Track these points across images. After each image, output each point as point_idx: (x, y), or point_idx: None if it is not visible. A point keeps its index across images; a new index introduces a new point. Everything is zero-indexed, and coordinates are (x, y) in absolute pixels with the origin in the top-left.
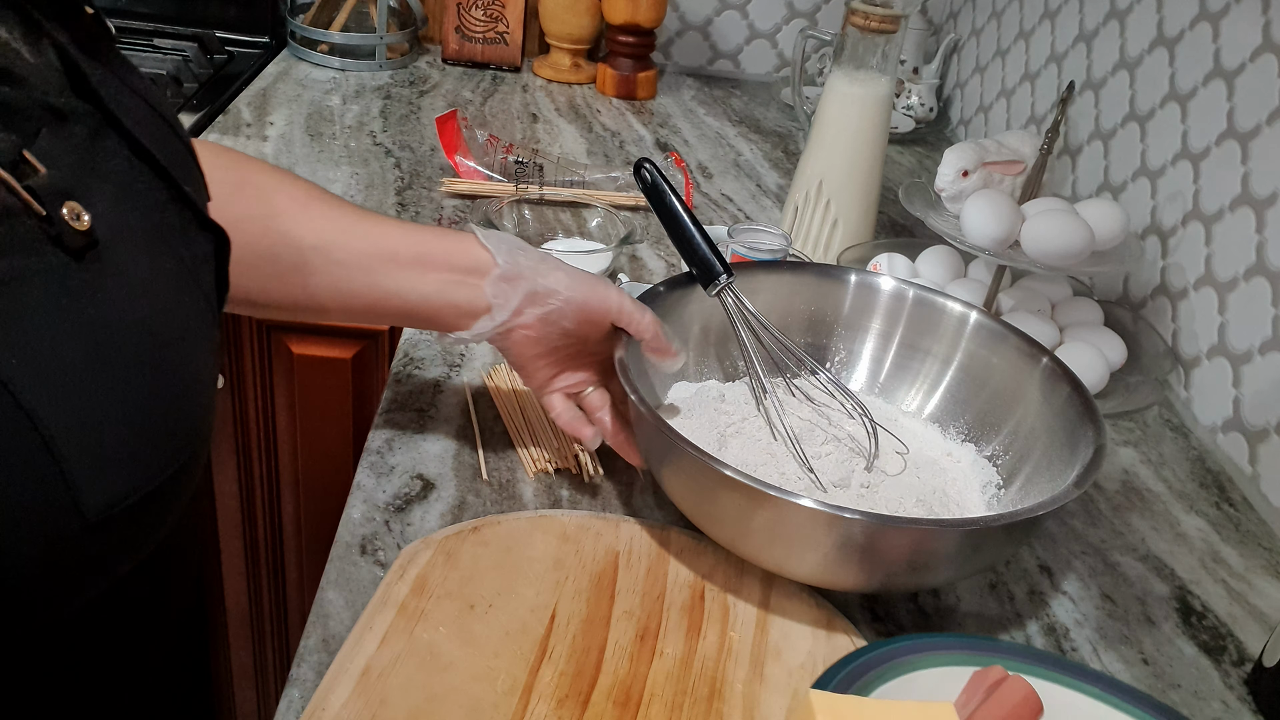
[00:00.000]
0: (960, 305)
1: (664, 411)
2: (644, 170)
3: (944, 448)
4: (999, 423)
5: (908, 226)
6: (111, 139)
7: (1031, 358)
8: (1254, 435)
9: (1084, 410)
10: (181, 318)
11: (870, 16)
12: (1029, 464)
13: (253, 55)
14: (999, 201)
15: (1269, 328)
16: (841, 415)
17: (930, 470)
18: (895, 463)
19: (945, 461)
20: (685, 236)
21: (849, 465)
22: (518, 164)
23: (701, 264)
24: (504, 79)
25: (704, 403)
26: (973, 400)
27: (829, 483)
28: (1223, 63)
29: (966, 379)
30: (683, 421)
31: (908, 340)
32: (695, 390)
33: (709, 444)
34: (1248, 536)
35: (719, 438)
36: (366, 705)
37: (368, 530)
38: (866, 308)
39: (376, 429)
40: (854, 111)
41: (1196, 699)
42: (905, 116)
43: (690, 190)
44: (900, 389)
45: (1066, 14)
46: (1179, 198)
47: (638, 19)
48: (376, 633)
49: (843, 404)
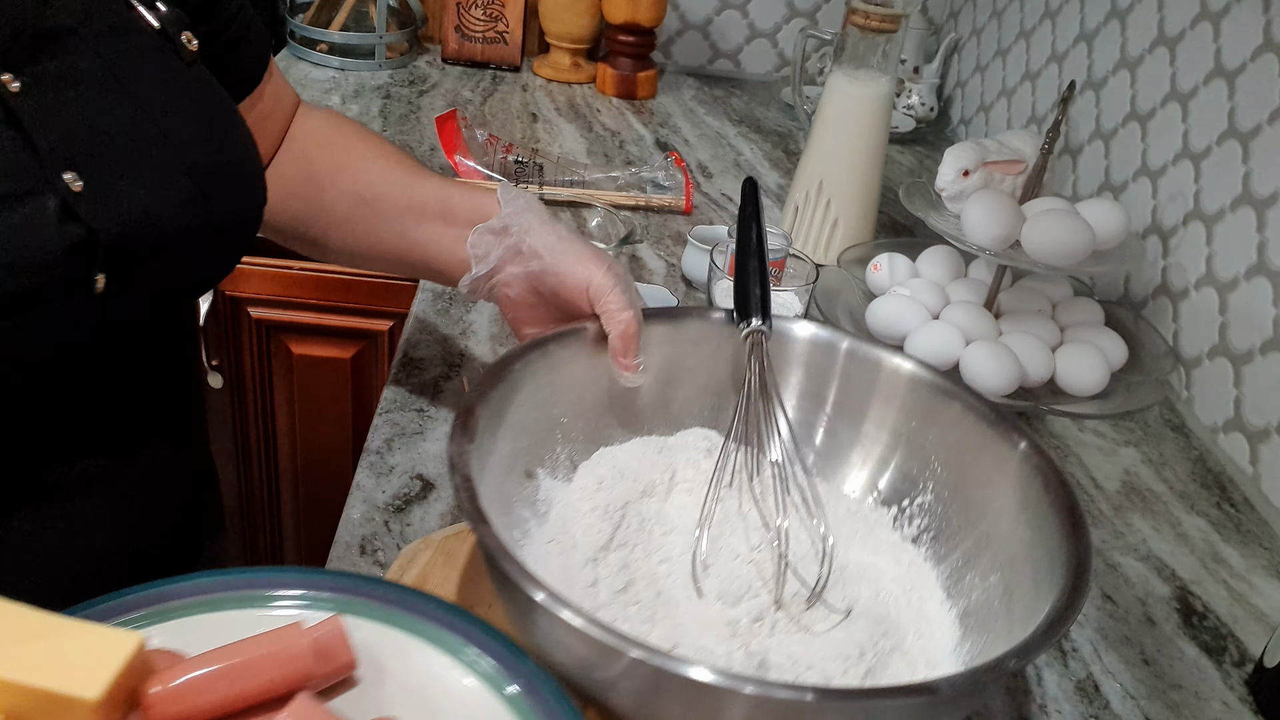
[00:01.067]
0: (911, 364)
1: (584, 468)
2: (748, 187)
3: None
4: (961, 529)
5: (908, 226)
6: None
7: (1006, 439)
8: (1255, 435)
9: (1068, 521)
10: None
11: (870, 16)
12: (995, 579)
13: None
14: (999, 201)
15: (1270, 328)
16: (802, 528)
17: (874, 616)
18: (825, 620)
19: (896, 598)
20: (753, 267)
21: (760, 588)
22: (517, 164)
23: (754, 301)
24: (504, 78)
25: (645, 457)
26: (954, 525)
27: (714, 590)
28: (1223, 62)
29: (918, 460)
30: (588, 496)
31: (844, 404)
32: (639, 446)
33: (599, 534)
34: (1248, 537)
35: (618, 519)
36: None
37: (367, 530)
38: (792, 363)
39: (376, 429)
40: (854, 111)
41: (1197, 699)
42: (905, 116)
43: (690, 190)
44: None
45: (1067, 13)
46: (1180, 197)
47: (638, 18)
48: None
49: (806, 515)
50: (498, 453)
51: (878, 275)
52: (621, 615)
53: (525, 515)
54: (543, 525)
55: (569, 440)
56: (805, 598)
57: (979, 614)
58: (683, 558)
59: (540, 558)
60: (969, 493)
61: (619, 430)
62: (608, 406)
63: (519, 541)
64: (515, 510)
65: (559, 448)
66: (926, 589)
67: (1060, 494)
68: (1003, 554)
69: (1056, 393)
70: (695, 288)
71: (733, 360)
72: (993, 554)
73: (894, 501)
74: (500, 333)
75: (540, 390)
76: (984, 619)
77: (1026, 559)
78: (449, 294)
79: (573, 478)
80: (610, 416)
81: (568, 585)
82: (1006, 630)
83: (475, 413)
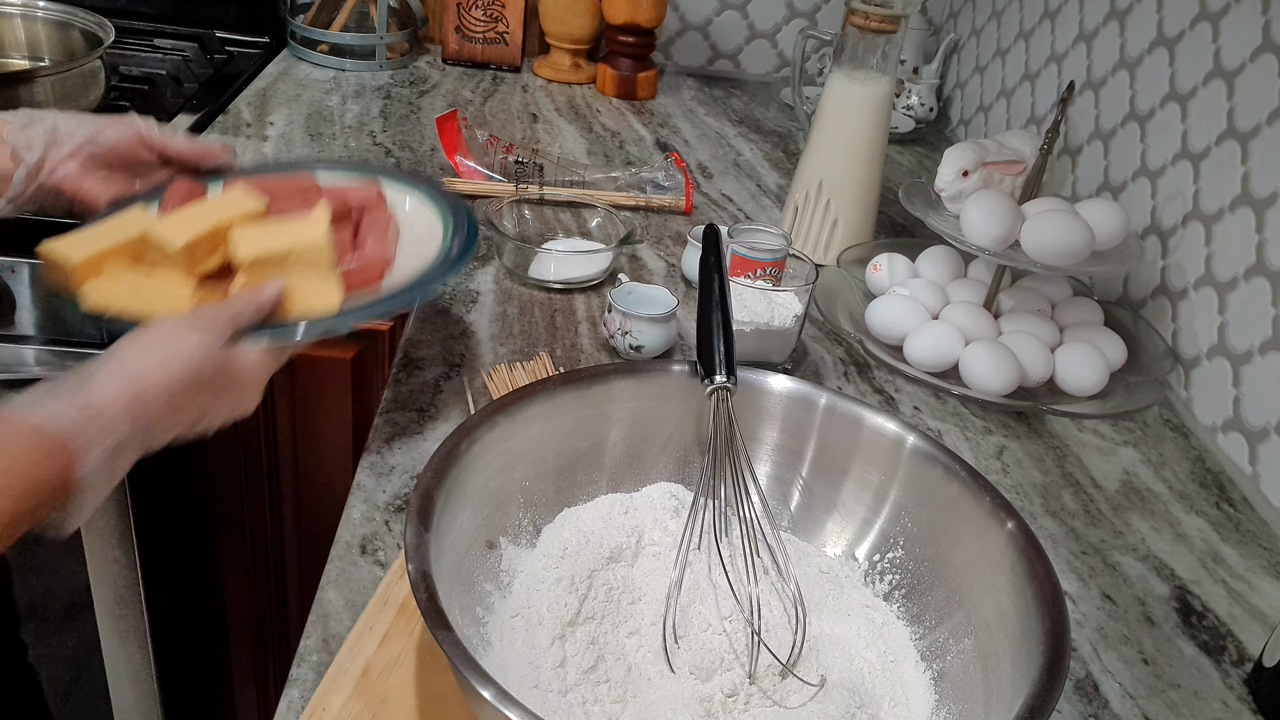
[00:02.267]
0: (896, 425)
1: (547, 532)
2: (710, 235)
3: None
4: (934, 587)
5: (908, 226)
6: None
7: (993, 517)
8: (1254, 435)
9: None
10: None
11: (870, 16)
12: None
13: (253, 55)
14: (999, 201)
15: (1269, 328)
16: (773, 593)
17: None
18: (799, 692)
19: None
20: (717, 320)
21: (733, 660)
22: (518, 164)
23: (718, 357)
24: (504, 79)
25: (611, 519)
26: (926, 582)
27: (686, 665)
28: (1223, 63)
29: (905, 531)
30: (553, 566)
31: (826, 461)
32: (603, 505)
33: (565, 608)
34: (1248, 536)
35: (584, 590)
36: (367, 705)
37: (368, 530)
38: (768, 418)
39: (377, 429)
40: (854, 111)
41: (1196, 699)
42: (905, 116)
43: (690, 190)
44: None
45: (1066, 14)
46: (1179, 198)
47: (638, 19)
48: (376, 632)
49: (777, 576)
50: (459, 528)
51: (877, 275)
52: (592, 696)
53: (488, 589)
54: (506, 598)
55: (530, 504)
56: (778, 671)
57: (953, 678)
58: (652, 629)
59: (505, 634)
60: (941, 550)
61: (582, 489)
62: (570, 465)
63: (482, 619)
64: (478, 585)
65: (520, 513)
66: (900, 651)
67: (1036, 559)
68: (977, 616)
69: (1056, 393)
70: (695, 288)
71: (697, 414)
72: (966, 614)
73: (867, 557)
74: (500, 333)
75: (500, 457)
76: (959, 684)
77: (1000, 625)
78: (449, 294)
79: (536, 543)
80: (572, 475)
81: (534, 666)
82: (984, 699)
83: (432, 496)
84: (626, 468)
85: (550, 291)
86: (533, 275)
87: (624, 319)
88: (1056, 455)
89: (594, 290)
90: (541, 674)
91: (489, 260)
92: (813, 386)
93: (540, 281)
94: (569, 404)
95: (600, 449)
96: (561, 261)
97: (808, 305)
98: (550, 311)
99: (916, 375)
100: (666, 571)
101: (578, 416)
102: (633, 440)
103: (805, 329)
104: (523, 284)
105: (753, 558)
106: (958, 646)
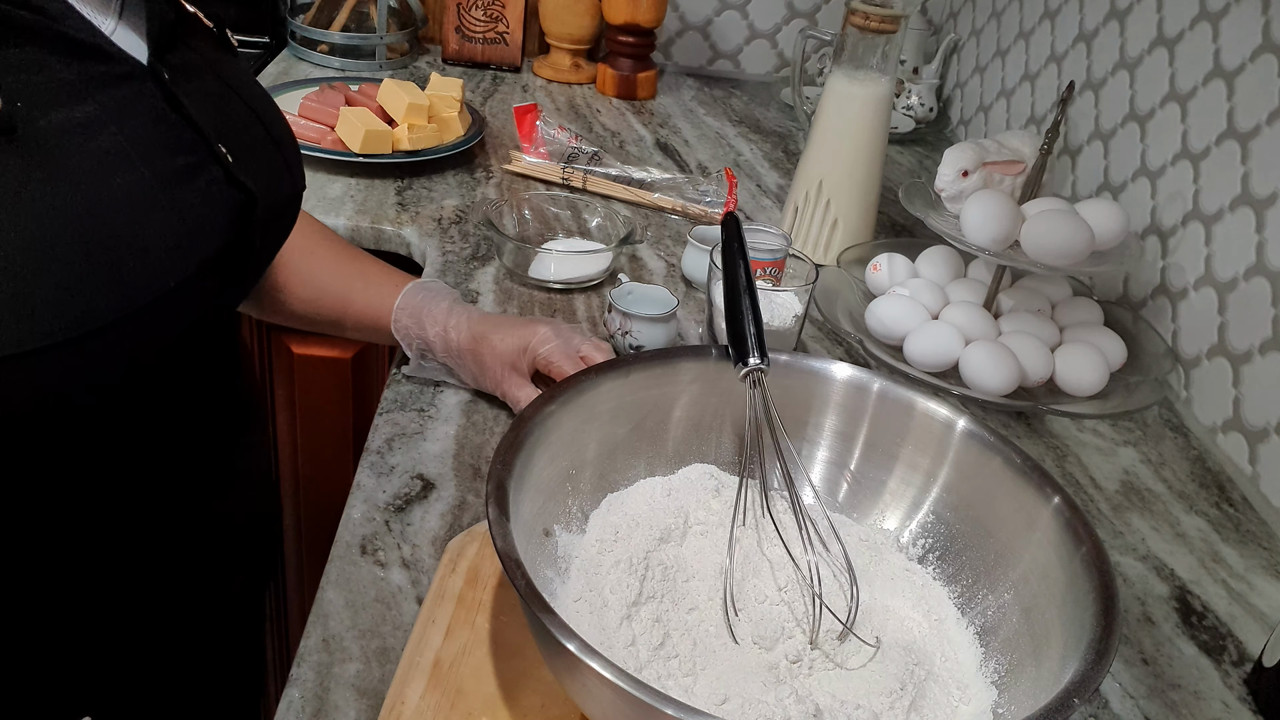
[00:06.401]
0: (947, 410)
1: (595, 518)
2: (730, 223)
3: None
4: (969, 548)
5: (908, 226)
6: (148, 86)
7: (1040, 492)
8: (1254, 435)
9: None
10: (122, 199)
11: (870, 16)
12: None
13: (253, 55)
14: (999, 201)
15: (1269, 328)
16: (821, 561)
17: (906, 647)
18: (858, 654)
19: (929, 638)
20: (746, 305)
21: (794, 627)
22: (577, 151)
23: (750, 340)
24: (504, 79)
25: (655, 501)
26: (960, 544)
27: (749, 636)
28: (1223, 63)
29: (953, 512)
30: (608, 549)
31: (875, 444)
32: (645, 489)
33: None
34: (1248, 536)
35: (643, 571)
36: (444, 695)
37: (368, 530)
38: (823, 403)
39: (376, 429)
40: (854, 111)
41: (1196, 699)
42: (905, 116)
43: (731, 206)
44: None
45: (1066, 14)
46: (1179, 198)
47: (638, 19)
48: (440, 625)
49: (823, 547)
50: (521, 517)
51: (877, 275)
52: (665, 671)
53: (549, 575)
54: (566, 583)
55: (578, 491)
56: (836, 634)
57: (996, 631)
58: (710, 604)
59: (571, 618)
60: (976, 513)
61: (621, 475)
62: (610, 452)
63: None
64: (540, 571)
65: (570, 500)
66: (942, 610)
67: (1081, 526)
68: (1015, 572)
69: (1056, 393)
70: (695, 287)
71: (723, 395)
72: (1005, 571)
73: (905, 527)
74: None
75: (551, 446)
76: (1004, 637)
77: (1042, 580)
78: None
79: (585, 528)
80: (612, 461)
81: (607, 647)
82: (1032, 648)
83: (505, 487)
84: (661, 451)
85: (550, 291)
86: (533, 275)
87: (624, 319)
88: (1056, 455)
89: (594, 290)
90: (615, 654)
91: (489, 260)
92: (868, 373)
93: (540, 281)
94: (610, 392)
95: (637, 435)
96: (561, 261)
97: (808, 305)
98: (550, 311)
99: (916, 375)
100: (715, 549)
101: (615, 405)
102: (666, 425)
103: (805, 329)
104: (523, 284)
105: (806, 530)
106: (998, 602)
